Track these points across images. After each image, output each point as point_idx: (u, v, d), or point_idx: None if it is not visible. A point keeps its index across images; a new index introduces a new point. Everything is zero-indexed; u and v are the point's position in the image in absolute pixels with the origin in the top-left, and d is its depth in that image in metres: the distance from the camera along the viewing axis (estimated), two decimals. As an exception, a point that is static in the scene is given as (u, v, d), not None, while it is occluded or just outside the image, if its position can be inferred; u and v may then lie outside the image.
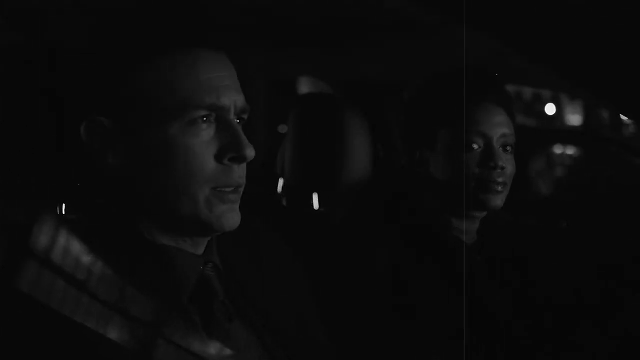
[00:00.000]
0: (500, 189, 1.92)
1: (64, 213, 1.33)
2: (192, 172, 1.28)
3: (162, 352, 1.26)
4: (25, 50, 1.45)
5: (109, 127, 1.29)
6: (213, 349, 1.31)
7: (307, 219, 2.38)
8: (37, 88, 1.37)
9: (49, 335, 1.20)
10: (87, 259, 1.26)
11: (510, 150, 1.95)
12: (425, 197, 1.99)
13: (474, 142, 1.91)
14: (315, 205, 2.42)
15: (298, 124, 2.43)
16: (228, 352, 1.32)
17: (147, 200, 1.31)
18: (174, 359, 1.28)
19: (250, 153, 1.32)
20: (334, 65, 2.86)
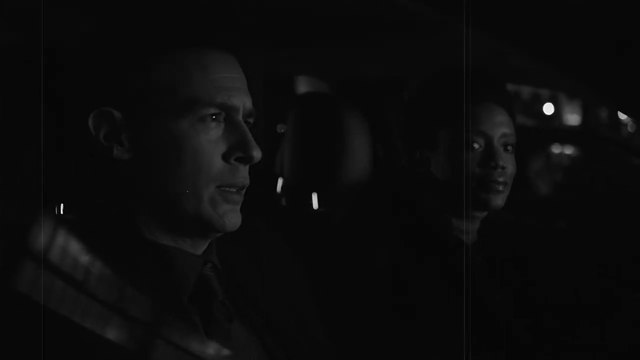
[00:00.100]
0: (501, 189, 1.92)
1: (63, 213, 1.33)
2: (198, 168, 1.29)
3: (161, 352, 1.26)
4: (25, 50, 1.44)
5: (118, 118, 1.29)
6: (212, 349, 1.31)
7: (306, 219, 2.38)
8: (37, 88, 1.37)
9: (48, 336, 1.20)
10: (86, 259, 1.26)
11: (511, 150, 1.95)
12: (425, 197, 1.99)
13: (475, 141, 1.91)
14: (315, 205, 2.42)
15: (297, 124, 2.43)
16: (227, 352, 1.32)
17: (149, 197, 1.30)
18: (174, 359, 1.28)
19: (257, 154, 1.33)
20: (334, 65, 2.86)
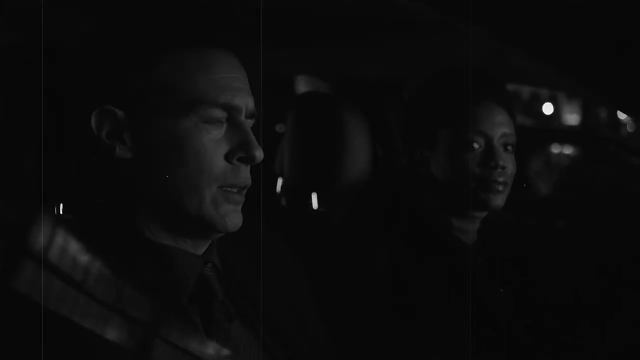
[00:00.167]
0: (501, 189, 1.92)
1: (62, 213, 1.33)
2: (201, 168, 1.29)
3: (161, 352, 1.26)
4: (25, 50, 1.44)
5: (120, 117, 1.29)
6: (212, 349, 1.31)
7: (306, 219, 2.38)
8: (37, 88, 1.37)
9: (47, 336, 1.20)
10: (85, 259, 1.26)
11: (511, 150, 1.95)
12: (425, 197, 1.99)
13: (475, 141, 1.91)
14: (314, 205, 2.42)
15: (297, 123, 2.42)
16: (227, 352, 1.32)
17: (150, 197, 1.30)
18: (173, 359, 1.28)
19: (260, 155, 1.33)
20: (334, 65, 2.86)
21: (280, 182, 2.53)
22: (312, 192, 2.43)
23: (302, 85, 3.30)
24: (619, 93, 1.67)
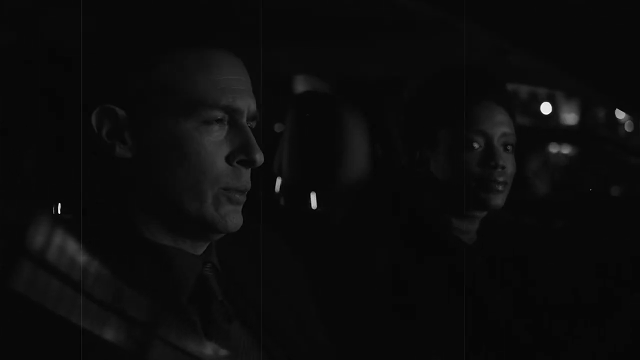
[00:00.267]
0: (501, 188, 1.92)
1: (61, 213, 1.33)
2: (202, 169, 1.28)
3: (160, 352, 1.26)
4: (25, 50, 1.44)
5: (121, 116, 1.29)
6: (211, 350, 1.30)
7: (305, 219, 2.38)
8: (37, 88, 1.37)
9: (46, 336, 1.20)
10: (84, 259, 1.25)
11: (511, 150, 1.95)
12: (425, 197, 1.98)
13: (475, 141, 1.91)
14: (313, 205, 2.41)
15: (296, 123, 2.42)
16: (225, 352, 1.32)
17: (150, 197, 1.30)
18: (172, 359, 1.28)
19: (260, 158, 1.33)
20: (334, 65, 2.86)
21: (279, 182, 2.53)
22: (311, 192, 2.42)
23: (301, 85, 3.29)
24: (619, 92, 1.67)
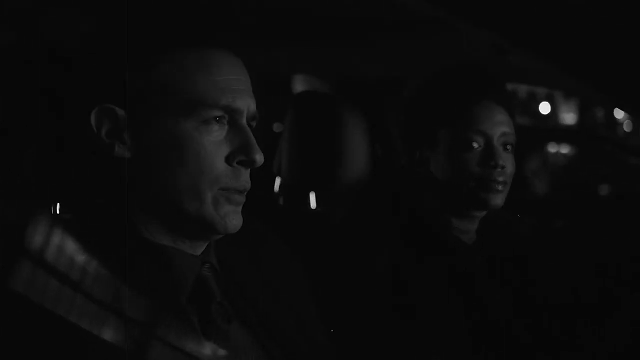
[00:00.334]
0: (501, 188, 1.92)
1: (59, 213, 1.33)
2: (201, 170, 1.28)
3: (158, 352, 1.26)
4: (25, 50, 1.44)
5: (121, 116, 1.29)
6: (210, 350, 1.30)
7: (305, 219, 2.38)
8: (37, 88, 1.37)
9: (45, 336, 1.20)
10: (83, 259, 1.25)
11: (511, 150, 1.95)
12: (425, 197, 1.98)
13: (475, 141, 1.91)
14: (313, 205, 2.41)
15: (295, 123, 2.42)
16: (224, 352, 1.31)
17: (150, 197, 1.30)
18: (171, 360, 1.28)
19: (260, 158, 1.33)
20: (334, 65, 2.86)
21: (279, 181, 2.53)
22: (310, 192, 2.42)
23: (300, 85, 3.29)
24: (618, 92, 1.67)
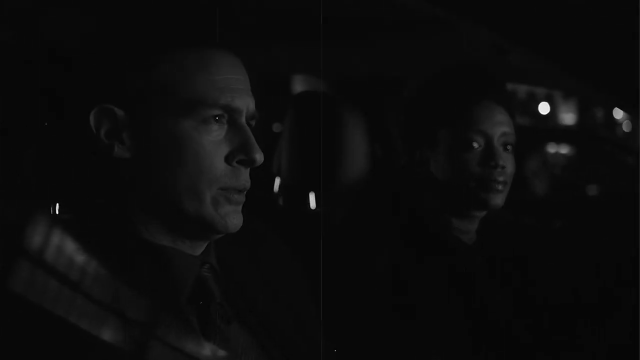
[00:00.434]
0: (501, 188, 1.92)
1: (58, 212, 1.32)
2: (200, 169, 1.28)
3: (158, 353, 1.26)
4: (25, 50, 1.44)
5: (120, 116, 1.28)
6: (209, 350, 1.30)
7: (304, 219, 2.38)
8: (37, 88, 1.37)
9: (44, 336, 1.20)
10: (83, 259, 1.25)
11: (511, 149, 1.95)
12: (425, 197, 1.98)
13: (475, 140, 1.91)
14: (312, 205, 2.41)
15: (294, 123, 2.42)
16: (223, 353, 1.31)
17: (149, 197, 1.30)
18: (170, 360, 1.28)
19: (260, 157, 1.33)
20: (334, 65, 2.85)
21: (278, 181, 2.52)
22: (309, 191, 2.42)
23: (300, 85, 3.29)
24: (618, 91, 1.67)
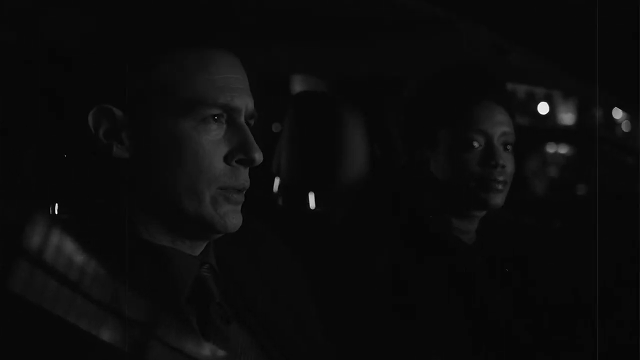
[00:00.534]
0: (501, 187, 1.93)
1: (57, 212, 1.32)
2: (199, 169, 1.28)
3: (157, 353, 1.26)
4: (25, 50, 1.44)
5: (118, 116, 1.28)
6: (209, 350, 1.30)
7: (304, 219, 2.38)
8: (36, 88, 1.37)
9: (44, 336, 1.20)
10: (82, 259, 1.25)
11: (510, 149, 1.96)
12: (425, 197, 1.99)
13: (475, 140, 1.92)
14: (311, 205, 2.41)
15: (294, 123, 2.42)
16: (223, 353, 1.31)
17: (149, 197, 1.30)
18: (169, 360, 1.28)
19: (259, 157, 1.33)
20: (334, 65, 2.86)
21: (277, 181, 2.52)
22: (309, 191, 2.42)
23: (300, 85, 3.29)
24: (617, 91, 1.67)
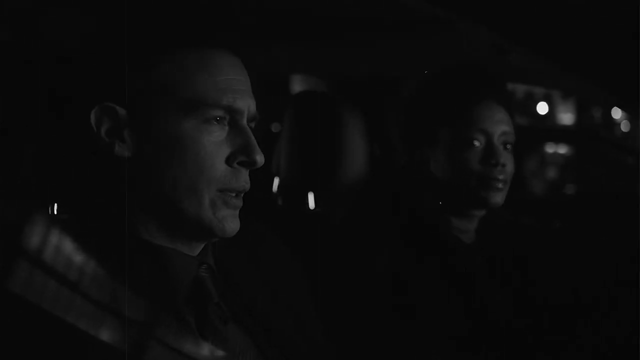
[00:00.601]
0: (501, 186, 1.93)
1: (57, 212, 1.32)
2: (201, 170, 1.28)
3: (155, 353, 1.26)
4: (25, 50, 1.44)
5: (121, 114, 1.28)
6: (207, 351, 1.30)
7: (304, 219, 2.38)
8: (37, 88, 1.37)
9: (43, 336, 1.20)
10: (81, 259, 1.25)
11: (510, 149, 1.96)
12: (425, 197, 1.99)
13: (476, 139, 1.92)
14: (311, 205, 2.41)
15: (294, 123, 2.42)
16: (221, 353, 1.31)
17: (149, 197, 1.29)
18: (167, 360, 1.27)
19: (261, 159, 1.32)
20: (333, 65, 2.86)
21: (277, 181, 2.52)
22: (309, 192, 2.42)
23: (299, 85, 3.29)
24: (617, 91, 1.67)
